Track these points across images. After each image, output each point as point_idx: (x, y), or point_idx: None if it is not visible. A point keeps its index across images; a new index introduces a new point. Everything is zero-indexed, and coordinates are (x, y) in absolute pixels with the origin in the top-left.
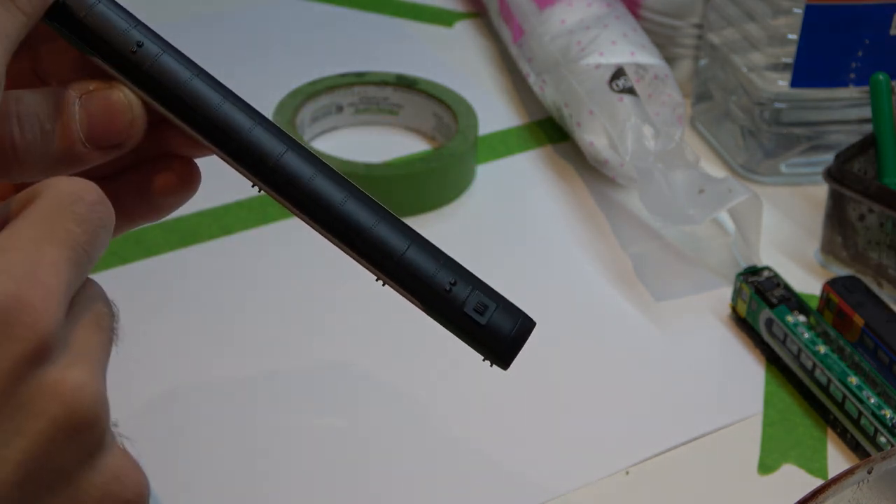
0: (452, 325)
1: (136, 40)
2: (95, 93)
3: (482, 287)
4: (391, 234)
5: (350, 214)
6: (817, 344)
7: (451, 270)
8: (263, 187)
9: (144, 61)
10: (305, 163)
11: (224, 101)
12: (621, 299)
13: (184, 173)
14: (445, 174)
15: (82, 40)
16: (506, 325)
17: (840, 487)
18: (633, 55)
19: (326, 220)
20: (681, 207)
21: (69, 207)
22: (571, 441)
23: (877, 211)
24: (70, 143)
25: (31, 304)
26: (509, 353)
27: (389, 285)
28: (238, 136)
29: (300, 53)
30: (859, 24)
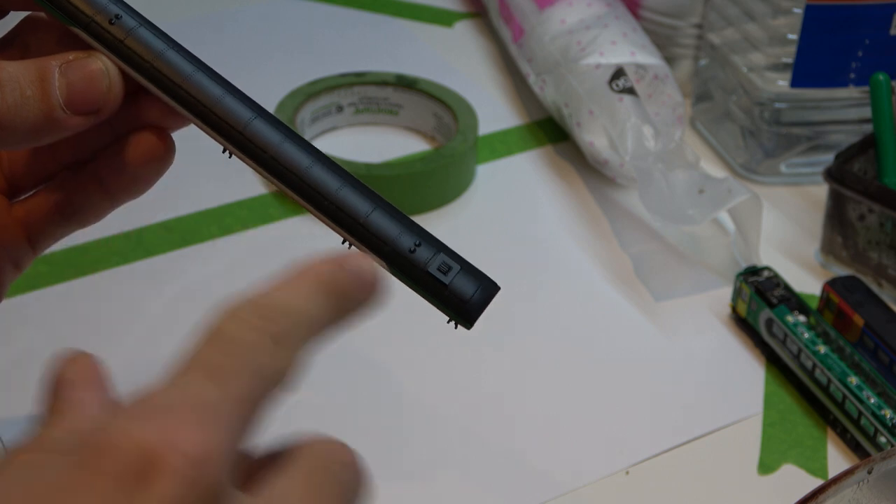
0: (417, 284)
1: (115, 13)
2: (75, 62)
3: (446, 250)
4: (356, 197)
5: (316, 178)
6: (817, 344)
7: (415, 233)
8: (235, 152)
9: (121, 32)
10: (274, 129)
11: (196, 71)
12: (621, 299)
13: (158, 142)
14: (445, 174)
15: (64, 12)
16: (469, 285)
17: (840, 487)
18: (633, 55)
19: (294, 182)
20: (681, 207)
21: (330, 472)
22: (571, 441)
23: (877, 211)
24: (50, 108)
25: None
26: (473, 311)
27: (355, 246)
28: (209, 103)
29: (300, 53)
30: (859, 24)
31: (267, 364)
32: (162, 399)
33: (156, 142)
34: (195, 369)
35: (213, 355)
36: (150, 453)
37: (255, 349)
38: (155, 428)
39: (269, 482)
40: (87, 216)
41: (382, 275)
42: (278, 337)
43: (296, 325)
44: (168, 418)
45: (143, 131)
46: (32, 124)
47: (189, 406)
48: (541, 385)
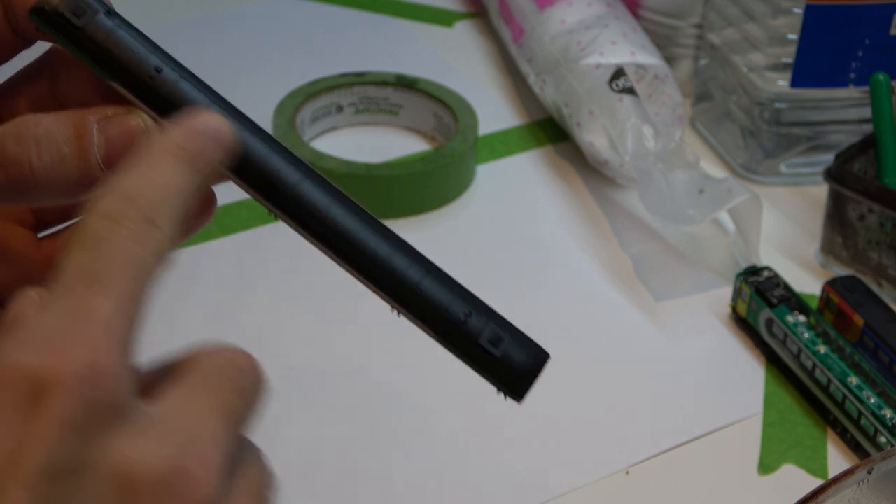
0: (467, 356)
1: (155, 65)
2: (114, 118)
3: (496, 318)
4: (407, 264)
5: (367, 244)
6: (817, 344)
7: (465, 301)
8: (279, 214)
9: (162, 87)
10: (322, 191)
11: (242, 129)
12: (621, 299)
13: (201, 199)
14: (445, 174)
15: (101, 65)
16: (520, 358)
17: (840, 487)
18: (633, 55)
19: (344, 251)
20: (681, 207)
21: (227, 376)
22: (571, 441)
23: (877, 211)
24: (87, 167)
25: (193, 475)
26: (524, 386)
27: (404, 315)
28: (254, 163)
29: (300, 53)
30: (859, 24)
31: (145, 252)
32: (46, 321)
33: (197, 198)
34: (74, 281)
35: (88, 261)
36: (41, 378)
37: (129, 241)
38: (42, 352)
39: (167, 390)
40: None
41: (231, 128)
42: (150, 218)
43: (163, 200)
44: (54, 339)
45: None
46: (69, 182)
47: (72, 321)
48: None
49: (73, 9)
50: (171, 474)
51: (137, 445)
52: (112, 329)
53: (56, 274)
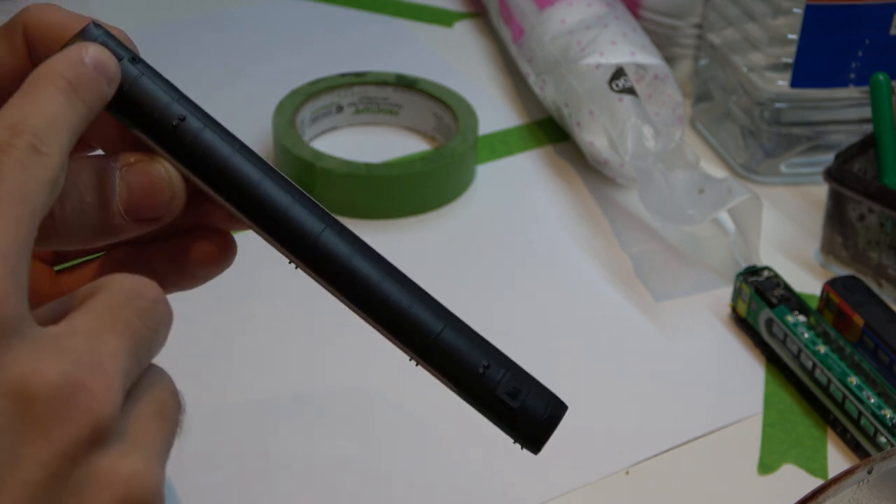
0: (485, 408)
1: (179, 114)
2: (136, 165)
3: (514, 368)
4: (427, 314)
5: (388, 294)
6: (817, 344)
7: (483, 351)
8: (301, 265)
9: (186, 136)
10: (343, 241)
11: (263, 178)
12: (621, 299)
13: (221, 246)
14: (445, 174)
15: (124, 114)
16: (538, 409)
17: (840, 487)
18: (633, 55)
19: (365, 301)
20: (681, 207)
21: (131, 302)
22: (571, 441)
23: (877, 211)
24: (109, 216)
25: (89, 388)
26: (541, 437)
27: (422, 366)
28: (276, 214)
29: (300, 53)
30: (859, 24)
31: (31, 178)
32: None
33: (218, 245)
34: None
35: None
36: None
37: (16, 169)
38: None
39: (70, 315)
40: None
41: (114, 61)
42: (34, 146)
43: (48, 128)
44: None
45: (205, 234)
46: (90, 230)
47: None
48: None
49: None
50: (67, 386)
51: (32, 359)
52: (0, 253)
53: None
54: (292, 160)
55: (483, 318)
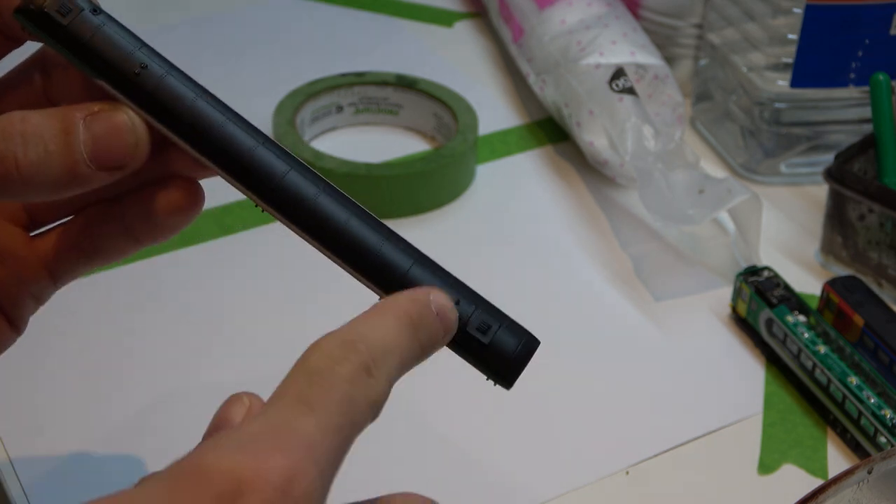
0: (455, 343)
1: (140, 62)
2: (100, 114)
3: (485, 305)
4: (395, 253)
5: (354, 234)
6: (817, 344)
7: (453, 288)
8: (266, 207)
9: (148, 83)
10: (308, 182)
11: (226, 122)
12: (621, 299)
13: (187, 193)
14: (445, 174)
15: (87, 63)
16: (509, 345)
17: (840, 487)
18: (633, 55)
19: (330, 240)
20: (681, 207)
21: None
22: (571, 441)
23: (877, 211)
24: (73, 164)
25: None
26: (512, 372)
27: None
28: (240, 157)
29: (300, 53)
30: (859, 24)
31: (359, 394)
32: (253, 428)
33: (185, 193)
34: (285, 400)
35: (303, 388)
36: (240, 480)
37: (345, 381)
38: (244, 457)
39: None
40: (109, 255)
41: (454, 313)
42: (370, 367)
43: (385, 355)
44: (257, 447)
45: (172, 182)
46: (55, 179)
47: (277, 434)
48: (541, 385)
49: (57, 7)
50: None
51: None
52: (312, 449)
53: (273, 394)
54: None
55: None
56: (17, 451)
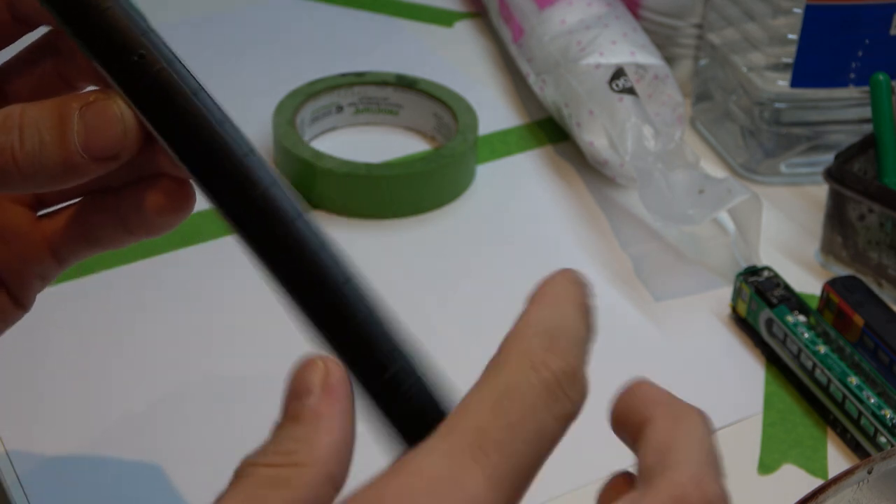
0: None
1: (139, 51)
2: (94, 104)
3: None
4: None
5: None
6: (817, 344)
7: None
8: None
9: (142, 73)
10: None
11: (214, 133)
12: (621, 299)
13: (176, 194)
14: (445, 174)
15: (86, 44)
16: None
17: (840, 487)
18: (633, 55)
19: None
20: (681, 207)
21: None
22: (571, 441)
23: (877, 211)
24: (68, 154)
25: None
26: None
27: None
28: (217, 169)
29: (300, 53)
30: (859, 24)
31: (550, 421)
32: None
33: (170, 193)
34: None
35: (489, 423)
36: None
37: (539, 404)
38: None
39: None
40: (106, 244)
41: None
42: (567, 373)
43: (578, 352)
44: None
45: (160, 181)
46: (51, 170)
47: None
48: None
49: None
50: None
51: None
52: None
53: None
54: (292, 160)
55: (483, 317)
56: (17, 451)
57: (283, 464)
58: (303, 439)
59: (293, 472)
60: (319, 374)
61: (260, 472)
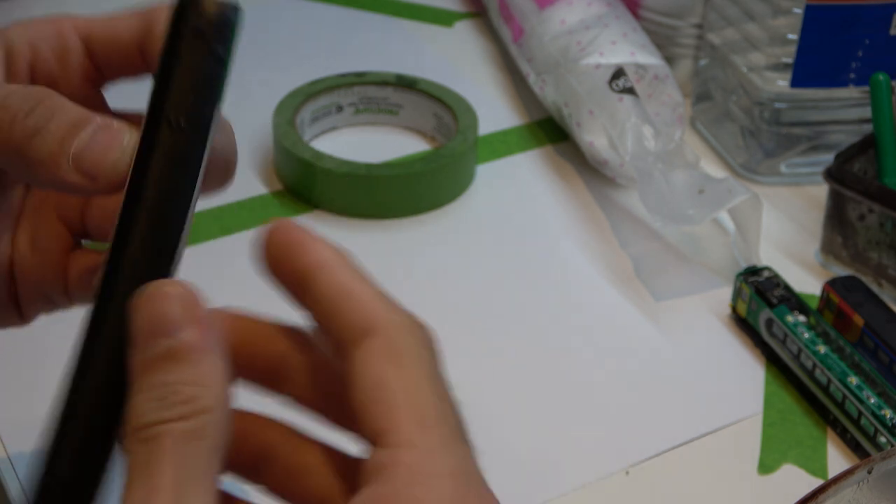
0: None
1: (184, 118)
2: (109, 131)
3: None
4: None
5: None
6: (817, 344)
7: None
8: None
9: (165, 139)
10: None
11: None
12: (621, 299)
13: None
14: (445, 174)
15: (156, 82)
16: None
17: (840, 487)
18: (633, 55)
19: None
20: (681, 207)
21: None
22: (571, 441)
23: (877, 211)
24: (57, 156)
25: None
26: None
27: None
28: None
29: (300, 53)
30: (859, 24)
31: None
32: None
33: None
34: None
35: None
36: None
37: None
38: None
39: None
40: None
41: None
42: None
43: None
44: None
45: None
46: (36, 157)
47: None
48: (541, 385)
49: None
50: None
51: None
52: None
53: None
54: (292, 160)
55: (483, 317)
56: (18, 451)
57: (193, 413)
58: (198, 382)
59: (206, 419)
60: (179, 304)
61: (174, 430)
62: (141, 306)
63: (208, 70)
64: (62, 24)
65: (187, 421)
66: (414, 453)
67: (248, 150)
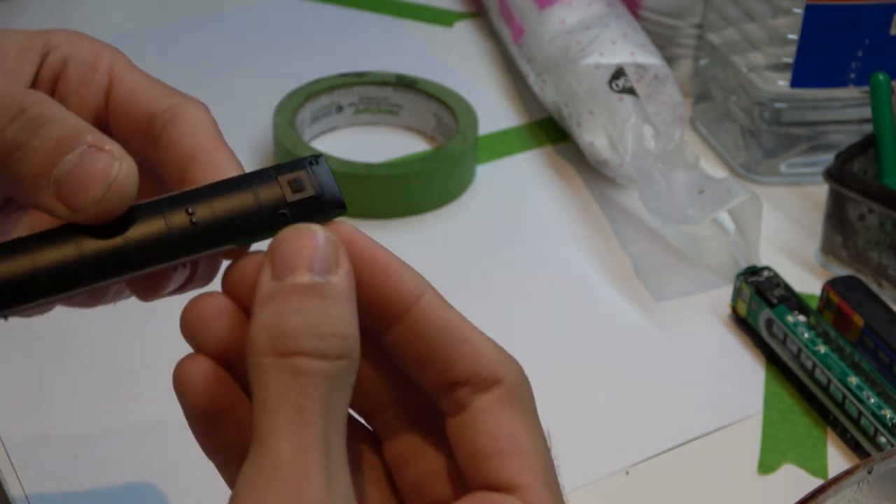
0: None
1: (200, 216)
2: (101, 153)
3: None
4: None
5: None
6: (817, 344)
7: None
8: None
9: (173, 228)
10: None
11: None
12: (621, 299)
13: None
14: (445, 174)
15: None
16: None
17: (840, 487)
18: (633, 55)
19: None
20: (681, 207)
21: None
22: (571, 441)
23: (877, 211)
24: (43, 173)
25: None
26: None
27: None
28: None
29: (300, 53)
30: (859, 24)
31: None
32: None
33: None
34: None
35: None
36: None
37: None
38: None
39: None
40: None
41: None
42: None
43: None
44: None
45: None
46: (23, 171)
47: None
48: (541, 385)
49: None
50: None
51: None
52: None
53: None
54: None
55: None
56: (18, 452)
57: (347, 353)
58: (350, 323)
59: (354, 366)
60: (331, 247)
61: (332, 370)
62: (291, 238)
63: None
64: (101, 55)
65: (342, 360)
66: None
67: (248, 149)
